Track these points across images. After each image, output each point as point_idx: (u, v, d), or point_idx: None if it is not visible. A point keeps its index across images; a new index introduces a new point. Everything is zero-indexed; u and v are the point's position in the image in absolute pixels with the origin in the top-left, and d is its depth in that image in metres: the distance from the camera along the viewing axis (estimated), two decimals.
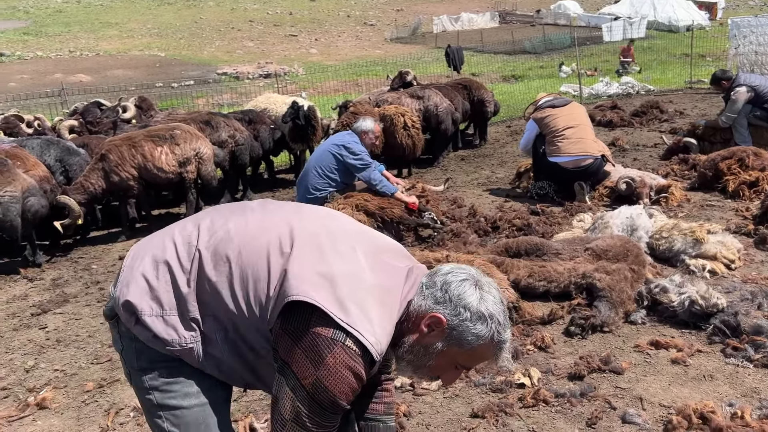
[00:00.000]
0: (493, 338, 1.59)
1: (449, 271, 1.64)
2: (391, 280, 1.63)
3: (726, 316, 3.71)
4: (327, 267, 1.58)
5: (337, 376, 1.49)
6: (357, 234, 1.76)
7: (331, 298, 1.52)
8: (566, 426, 3.04)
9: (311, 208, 1.90)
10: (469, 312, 1.56)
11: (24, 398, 3.71)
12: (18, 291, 5.60)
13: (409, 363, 1.67)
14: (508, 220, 6.09)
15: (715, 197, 6.45)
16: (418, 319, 1.61)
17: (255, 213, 1.81)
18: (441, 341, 1.60)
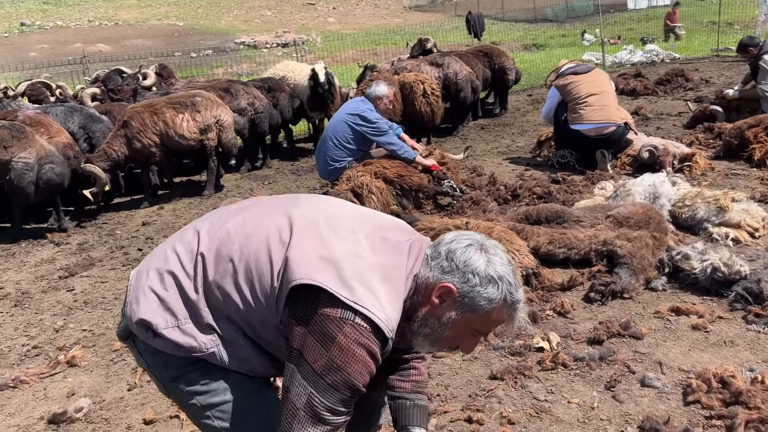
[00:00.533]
0: (506, 299, 1.57)
1: (452, 239, 1.62)
2: (394, 256, 1.61)
3: (749, 283, 3.68)
4: (328, 250, 1.56)
5: (350, 355, 1.47)
6: (356, 217, 1.74)
7: (336, 278, 1.50)
8: (585, 389, 3.07)
9: (309, 197, 1.87)
10: (478, 277, 1.55)
11: (54, 356, 3.83)
12: (45, 255, 5.72)
13: (426, 337, 1.65)
14: (528, 188, 6.06)
15: (740, 166, 6.34)
16: (428, 291, 1.59)
17: (252, 209, 1.80)
18: (454, 310, 1.58)
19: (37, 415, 3.24)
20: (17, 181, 5.81)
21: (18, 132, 5.92)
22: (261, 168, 8.47)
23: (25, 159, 5.84)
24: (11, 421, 3.21)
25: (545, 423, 2.83)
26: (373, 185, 5.73)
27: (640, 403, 2.90)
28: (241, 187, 7.61)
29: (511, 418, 2.87)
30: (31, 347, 3.99)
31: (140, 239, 5.96)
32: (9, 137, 5.86)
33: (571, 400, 2.98)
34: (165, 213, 6.76)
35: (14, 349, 3.99)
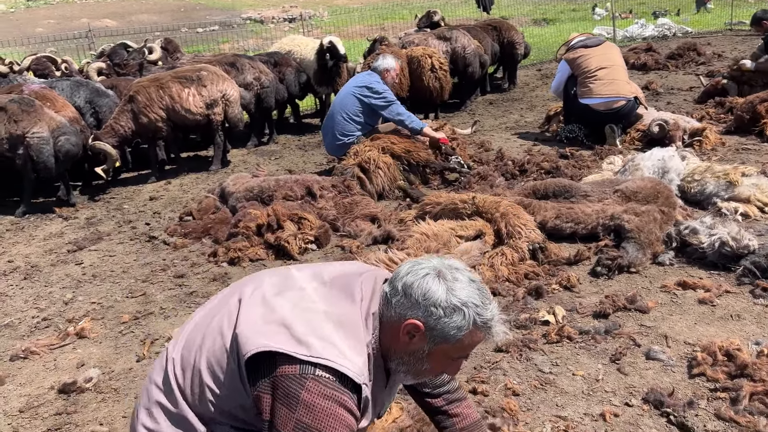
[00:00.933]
0: (476, 322, 1.51)
1: (407, 271, 1.55)
2: (345, 301, 1.56)
3: (757, 257, 3.66)
4: (275, 314, 1.52)
5: (318, 411, 1.40)
6: (305, 276, 1.68)
7: (288, 338, 1.45)
8: (590, 361, 3.08)
9: (268, 275, 1.75)
10: (441, 308, 1.48)
11: (64, 328, 3.87)
12: (54, 229, 5.76)
13: (406, 372, 1.62)
14: (536, 163, 6.02)
15: (751, 141, 6.26)
16: (394, 329, 1.54)
17: (215, 299, 1.77)
18: (426, 344, 1.53)
19: (47, 385, 3.29)
20: (37, 156, 5.84)
21: (27, 105, 5.93)
22: (268, 143, 8.45)
23: (39, 134, 5.86)
24: (22, 391, 3.26)
25: (550, 394, 2.85)
26: (380, 160, 5.72)
27: (645, 376, 2.91)
28: (248, 162, 7.60)
29: (516, 389, 2.89)
30: (41, 319, 4.03)
31: (147, 214, 5.98)
32: (19, 111, 5.87)
33: (576, 373, 2.99)
34: (172, 188, 6.78)
35: (24, 321, 4.03)
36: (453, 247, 4.16)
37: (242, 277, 1.87)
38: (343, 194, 5.43)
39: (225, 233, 5.04)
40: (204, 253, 4.88)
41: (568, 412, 2.71)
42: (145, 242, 5.26)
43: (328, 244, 4.85)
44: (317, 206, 5.25)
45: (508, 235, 4.22)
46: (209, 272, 4.53)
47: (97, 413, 3.02)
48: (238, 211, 5.26)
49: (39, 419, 3.02)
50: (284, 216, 4.88)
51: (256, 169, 6.05)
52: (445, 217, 4.60)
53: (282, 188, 5.39)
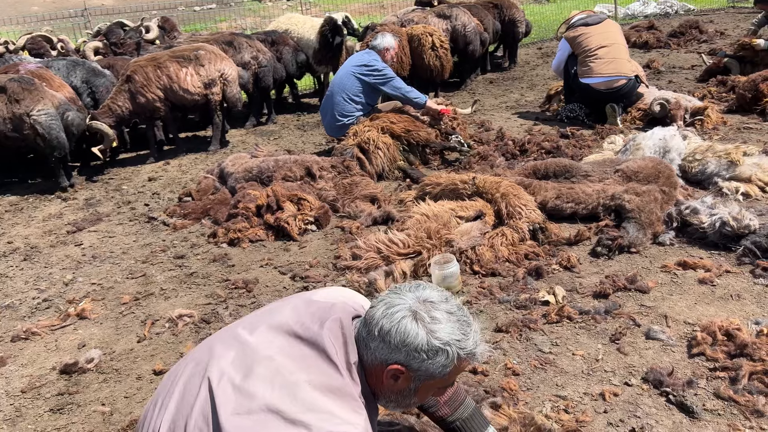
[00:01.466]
0: (460, 357, 1.49)
1: (383, 314, 1.48)
2: (323, 361, 1.48)
3: (758, 237, 3.65)
4: (257, 402, 1.41)
5: None
6: (262, 336, 1.55)
7: (282, 424, 1.37)
8: (589, 341, 3.08)
9: (221, 350, 1.58)
10: (423, 352, 1.45)
11: (64, 309, 3.88)
12: (53, 210, 5.75)
13: (395, 406, 1.61)
14: (536, 143, 5.99)
15: (753, 120, 6.23)
16: (378, 373, 1.50)
17: (177, 380, 1.59)
18: (411, 382, 1.51)
19: (49, 365, 3.30)
20: (48, 134, 5.82)
21: (28, 84, 5.89)
22: (266, 123, 8.39)
23: (45, 110, 5.83)
24: (24, 372, 3.27)
25: (549, 374, 2.86)
26: (380, 141, 5.68)
27: (645, 356, 2.92)
28: (247, 142, 7.56)
29: (516, 369, 2.90)
30: (42, 300, 4.04)
31: (146, 194, 5.96)
32: (20, 90, 5.83)
33: (575, 353, 3.00)
34: (171, 168, 6.75)
35: (25, 302, 4.04)
36: (453, 228, 4.15)
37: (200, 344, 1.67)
38: (342, 175, 5.41)
39: (224, 214, 5.03)
40: (204, 234, 4.88)
41: (568, 392, 2.72)
42: (145, 223, 5.25)
43: (328, 225, 4.84)
44: (317, 187, 5.23)
45: (508, 215, 4.21)
46: (209, 253, 4.53)
47: (99, 393, 3.04)
48: (237, 192, 5.24)
49: (41, 399, 3.03)
50: (284, 197, 4.86)
51: (255, 149, 6.00)
52: (445, 198, 4.59)
53: (281, 169, 5.36)
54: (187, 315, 3.64)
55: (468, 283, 3.77)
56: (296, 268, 4.12)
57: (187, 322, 3.59)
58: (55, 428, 2.81)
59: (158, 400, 1.63)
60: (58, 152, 5.97)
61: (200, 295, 3.92)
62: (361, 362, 1.51)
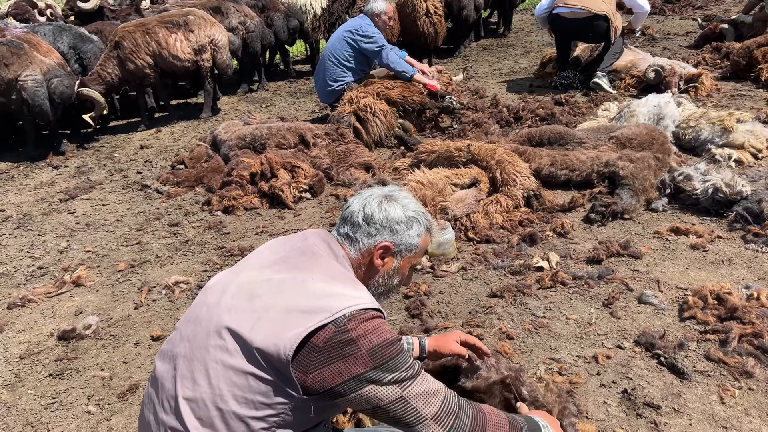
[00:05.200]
0: (428, 227, 1.77)
1: (361, 205, 1.71)
2: (314, 260, 1.62)
3: (749, 203, 3.69)
4: (276, 308, 1.48)
5: (372, 332, 1.45)
6: (255, 272, 1.63)
7: (305, 317, 1.44)
8: (583, 306, 3.13)
9: (220, 295, 1.62)
10: (403, 224, 1.70)
11: (60, 276, 3.88)
12: (44, 178, 5.70)
13: (383, 294, 1.78)
14: (531, 110, 5.97)
15: (746, 87, 6.22)
16: (367, 259, 1.70)
17: (179, 346, 1.61)
18: (395, 260, 1.74)
19: (46, 332, 3.32)
20: (32, 100, 5.73)
21: (17, 48, 5.78)
22: (257, 90, 8.30)
23: (32, 76, 5.73)
24: (22, 338, 3.29)
25: (543, 338, 2.91)
26: (376, 107, 5.64)
27: (637, 319, 2.97)
28: (239, 109, 7.49)
29: (510, 333, 2.94)
30: (37, 268, 4.03)
31: (139, 162, 5.92)
32: (8, 54, 5.72)
33: (569, 317, 3.04)
34: (163, 136, 6.68)
35: (20, 270, 4.03)
36: (448, 195, 4.16)
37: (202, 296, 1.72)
38: (336, 142, 5.38)
39: (218, 182, 5.01)
40: (198, 202, 4.86)
41: (562, 355, 2.77)
42: (138, 191, 5.22)
43: (323, 193, 4.84)
44: (310, 154, 5.20)
45: (503, 182, 4.22)
46: (204, 221, 4.52)
47: (98, 359, 3.06)
48: (230, 159, 5.21)
49: (40, 365, 3.05)
50: (278, 164, 4.84)
51: (248, 116, 5.95)
52: (440, 165, 4.58)
53: (275, 136, 5.33)
54: (183, 282, 3.65)
55: (463, 249, 3.80)
56: None
57: (183, 289, 3.60)
58: (55, 393, 2.84)
59: (164, 358, 1.65)
60: (41, 119, 5.90)
61: (196, 263, 3.93)
62: (347, 257, 1.70)
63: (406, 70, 5.90)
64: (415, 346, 2.09)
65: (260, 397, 1.45)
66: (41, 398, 2.82)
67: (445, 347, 2.08)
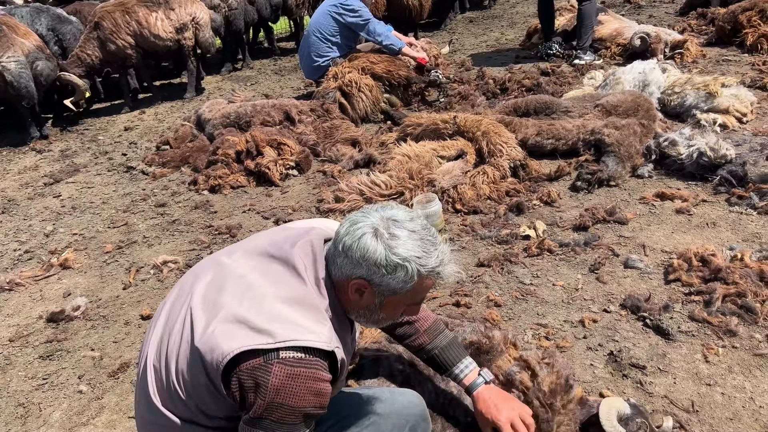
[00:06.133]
0: (421, 273, 1.49)
1: (346, 232, 1.51)
2: (291, 275, 1.53)
3: (734, 166, 3.70)
4: (227, 312, 1.47)
5: (289, 390, 1.40)
6: (238, 259, 1.62)
7: (248, 333, 1.41)
8: (569, 272, 3.15)
9: (203, 274, 1.65)
10: (383, 267, 1.47)
11: (47, 260, 3.86)
12: (28, 162, 5.64)
13: (365, 321, 1.64)
14: (517, 81, 5.94)
15: (731, 52, 6.21)
16: (344, 288, 1.54)
17: (169, 299, 1.67)
18: (376, 297, 1.54)
19: (35, 314, 3.31)
20: (17, 82, 5.65)
21: None
22: (241, 69, 8.22)
23: (15, 57, 5.65)
24: (10, 321, 3.28)
25: (531, 304, 2.93)
26: (362, 82, 5.60)
27: (623, 284, 3.00)
28: (223, 88, 7.41)
29: (498, 300, 2.97)
30: (23, 252, 4.01)
31: (123, 144, 5.86)
32: None
33: (556, 283, 3.06)
34: (147, 117, 6.62)
35: (6, 254, 4.01)
36: (435, 168, 4.15)
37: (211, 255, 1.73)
38: (322, 118, 5.34)
39: (204, 161, 4.97)
40: (184, 182, 4.83)
41: (549, 320, 2.80)
42: (123, 173, 5.18)
43: (309, 170, 4.82)
44: (296, 131, 5.17)
45: (489, 153, 4.21)
46: (191, 200, 4.50)
47: (88, 339, 3.06)
48: (215, 139, 5.17)
49: (30, 347, 3.05)
50: (263, 142, 4.81)
51: (232, 95, 5.89)
52: (426, 138, 4.57)
53: (259, 113, 5.29)
54: (171, 261, 3.65)
55: (450, 221, 3.80)
56: (279, 213, 4.12)
57: (172, 268, 3.60)
58: (46, 374, 2.85)
59: (150, 325, 1.70)
60: (27, 102, 5.82)
61: (184, 242, 3.92)
62: (330, 279, 1.56)
63: (394, 43, 5.84)
64: (470, 375, 1.92)
65: (196, 390, 1.48)
66: (32, 379, 2.82)
67: (482, 415, 1.85)
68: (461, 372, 1.92)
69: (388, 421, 1.79)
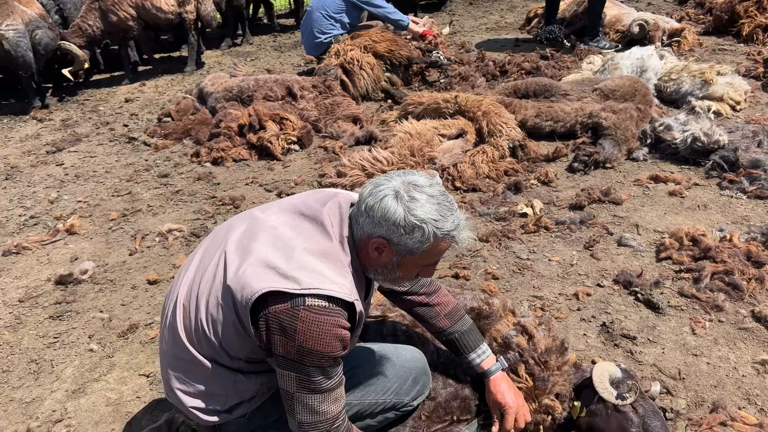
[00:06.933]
0: (437, 235, 1.57)
1: (369, 193, 1.60)
2: (319, 232, 1.63)
3: (726, 151, 3.82)
4: (258, 258, 1.58)
5: (315, 335, 1.50)
6: (271, 214, 1.73)
7: (276, 277, 1.52)
8: (565, 248, 3.26)
9: (237, 224, 1.77)
10: (401, 227, 1.55)
11: (53, 225, 3.92)
12: (29, 131, 5.66)
13: (383, 280, 1.73)
14: (517, 63, 6.01)
15: (728, 41, 6.31)
16: (365, 246, 1.63)
17: (205, 243, 1.80)
18: (394, 256, 1.62)
19: (43, 277, 3.38)
20: (15, 51, 5.64)
21: None
22: (241, 44, 8.22)
23: (14, 26, 5.64)
24: (19, 283, 3.35)
25: (527, 278, 3.04)
26: (364, 61, 5.64)
27: (616, 260, 3.11)
28: (223, 63, 7.43)
29: (495, 274, 3.07)
30: (29, 217, 4.07)
31: (125, 115, 5.89)
32: None
33: (551, 258, 3.18)
34: (147, 89, 6.64)
35: (12, 219, 4.06)
36: (436, 146, 4.24)
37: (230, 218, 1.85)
38: (324, 95, 5.40)
39: (206, 134, 5.03)
40: (186, 154, 4.89)
41: (544, 293, 2.91)
42: (125, 143, 5.23)
43: (311, 145, 4.89)
44: (298, 107, 5.22)
45: (489, 133, 4.30)
46: (193, 172, 4.57)
47: (96, 302, 3.15)
48: (217, 112, 5.22)
49: (39, 308, 3.13)
50: (266, 116, 4.87)
51: (234, 69, 5.93)
52: (427, 117, 4.65)
53: (262, 88, 5.33)
54: (176, 229, 3.72)
55: None
56: (282, 186, 4.20)
57: (177, 236, 3.67)
58: (57, 333, 2.93)
59: (182, 269, 1.81)
60: (24, 71, 5.83)
61: (188, 211, 3.99)
62: (353, 239, 1.66)
63: (402, 19, 5.90)
64: (487, 360, 2.02)
65: (224, 329, 1.60)
66: (43, 338, 2.91)
67: (494, 397, 1.96)
68: (479, 357, 2.02)
69: (393, 371, 1.91)
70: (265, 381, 1.74)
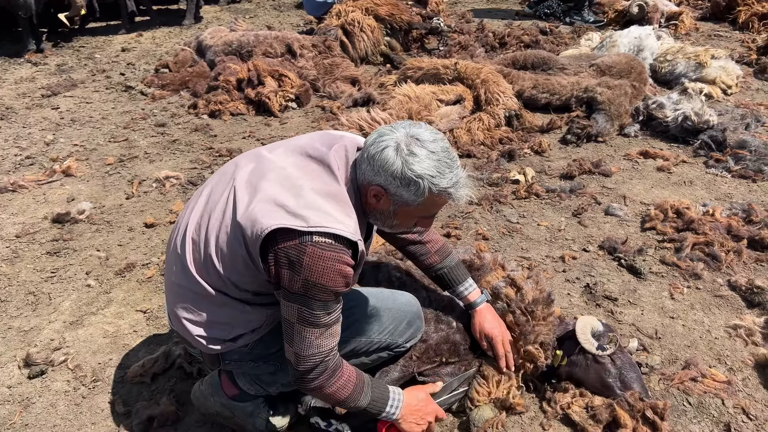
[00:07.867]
0: (432, 191, 1.60)
1: (372, 142, 1.63)
2: (326, 173, 1.67)
3: (714, 132, 3.92)
4: (267, 196, 1.62)
5: (319, 270, 1.56)
6: (279, 154, 1.76)
7: (285, 215, 1.56)
8: (554, 215, 3.36)
9: (244, 163, 1.81)
10: (398, 179, 1.59)
11: (49, 166, 3.94)
12: (24, 74, 5.62)
13: (382, 225, 1.78)
14: (516, 36, 6.05)
15: (724, 28, 6.39)
16: (365, 191, 1.68)
17: (213, 179, 1.85)
18: (391, 205, 1.67)
19: (40, 215, 3.42)
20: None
21: None
22: (240, 1, 8.14)
23: None
24: (16, 220, 3.39)
25: (516, 240, 3.14)
26: (364, 23, 5.65)
27: (603, 228, 3.22)
28: (221, 19, 7.37)
29: (486, 235, 3.17)
30: (24, 157, 4.08)
31: (121, 64, 5.86)
32: None
33: (540, 223, 3.27)
34: (144, 40, 6.58)
35: (7, 159, 4.07)
36: (434, 111, 4.29)
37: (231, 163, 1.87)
38: (323, 55, 5.41)
39: (204, 86, 5.03)
40: (183, 105, 4.90)
41: (532, 255, 3.02)
42: (122, 92, 5.21)
43: (309, 104, 4.91)
44: (297, 65, 5.23)
45: (486, 101, 4.37)
46: (190, 123, 4.58)
47: (93, 241, 3.19)
48: (216, 65, 5.21)
49: (36, 244, 3.17)
50: (265, 72, 4.88)
51: (234, 23, 5.90)
52: (426, 82, 4.69)
53: (261, 44, 5.33)
54: (174, 177, 3.76)
55: None
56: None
57: (174, 183, 3.72)
58: (54, 268, 2.98)
59: (188, 204, 1.87)
60: (24, 11, 5.74)
61: (185, 161, 4.03)
62: (356, 182, 1.72)
63: None
64: (473, 293, 2.14)
65: (233, 263, 1.66)
66: (40, 272, 2.96)
67: (480, 327, 2.11)
68: (465, 290, 2.15)
69: (388, 314, 2.00)
70: (269, 313, 1.81)
